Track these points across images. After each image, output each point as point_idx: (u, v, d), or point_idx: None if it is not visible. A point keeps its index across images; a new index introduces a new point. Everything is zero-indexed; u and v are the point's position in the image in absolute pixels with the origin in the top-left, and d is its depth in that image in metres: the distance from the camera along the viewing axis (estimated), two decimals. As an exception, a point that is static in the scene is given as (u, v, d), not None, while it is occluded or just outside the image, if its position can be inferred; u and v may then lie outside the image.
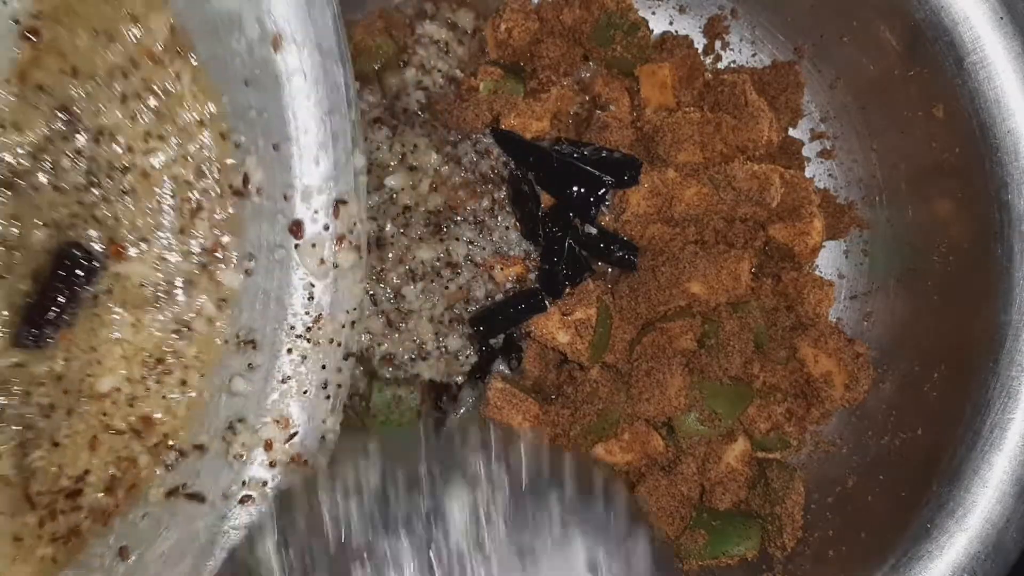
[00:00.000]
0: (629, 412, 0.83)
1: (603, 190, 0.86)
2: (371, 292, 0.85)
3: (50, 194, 0.71)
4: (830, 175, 0.93)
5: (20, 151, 0.70)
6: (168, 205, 0.73)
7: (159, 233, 0.73)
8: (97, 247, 0.72)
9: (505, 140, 0.87)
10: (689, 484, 0.83)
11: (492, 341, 0.88)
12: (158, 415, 0.74)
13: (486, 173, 0.88)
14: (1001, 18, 0.76)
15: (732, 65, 0.94)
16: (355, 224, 0.74)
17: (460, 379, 0.87)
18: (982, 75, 0.76)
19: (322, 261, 0.73)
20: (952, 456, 0.76)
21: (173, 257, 0.74)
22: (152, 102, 0.72)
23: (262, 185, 0.73)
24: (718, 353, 0.83)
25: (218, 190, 0.74)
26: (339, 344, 0.75)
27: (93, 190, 0.72)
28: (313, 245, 0.73)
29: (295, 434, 0.74)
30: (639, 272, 0.85)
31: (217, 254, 0.74)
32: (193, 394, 0.75)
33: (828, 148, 0.93)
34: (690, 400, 0.82)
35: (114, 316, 0.73)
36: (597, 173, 0.85)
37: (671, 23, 0.94)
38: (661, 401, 0.81)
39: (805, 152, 0.93)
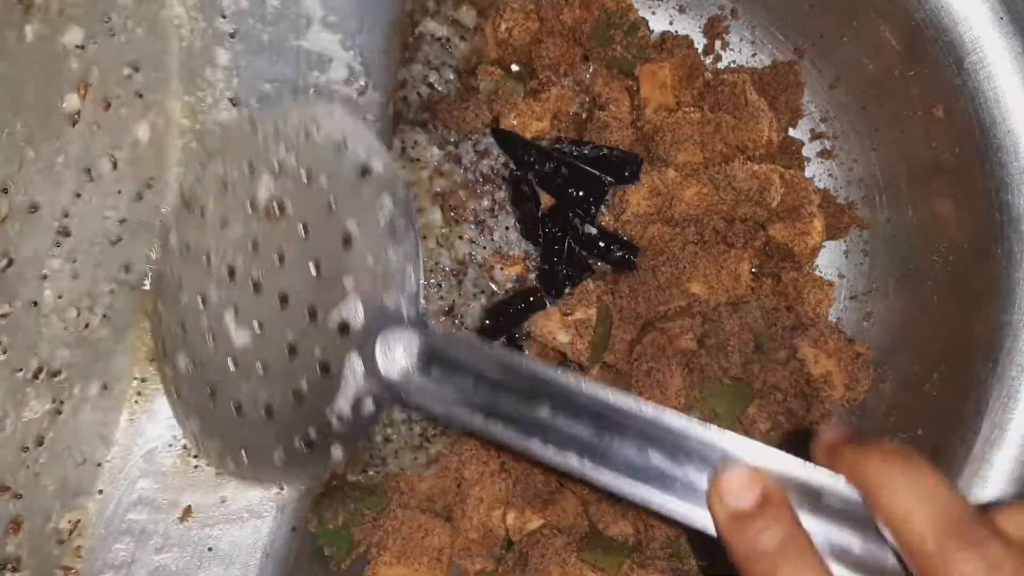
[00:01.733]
0: (630, 412, 0.83)
1: (603, 190, 0.86)
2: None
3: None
4: (830, 175, 0.93)
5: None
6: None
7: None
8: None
9: (505, 140, 0.87)
10: (690, 484, 0.83)
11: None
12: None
13: (486, 173, 0.88)
14: (1001, 18, 0.75)
15: (732, 65, 0.94)
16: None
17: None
18: (982, 75, 0.76)
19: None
20: (952, 456, 0.75)
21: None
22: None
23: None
24: (718, 353, 0.83)
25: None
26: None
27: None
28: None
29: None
30: (639, 272, 0.85)
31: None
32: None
33: (828, 148, 0.93)
34: (690, 400, 0.82)
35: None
36: (597, 173, 0.85)
37: (671, 23, 0.94)
38: (661, 401, 0.81)
39: (805, 152, 0.92)
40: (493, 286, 0.87)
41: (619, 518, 0.84)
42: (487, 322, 0.86)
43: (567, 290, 0.86)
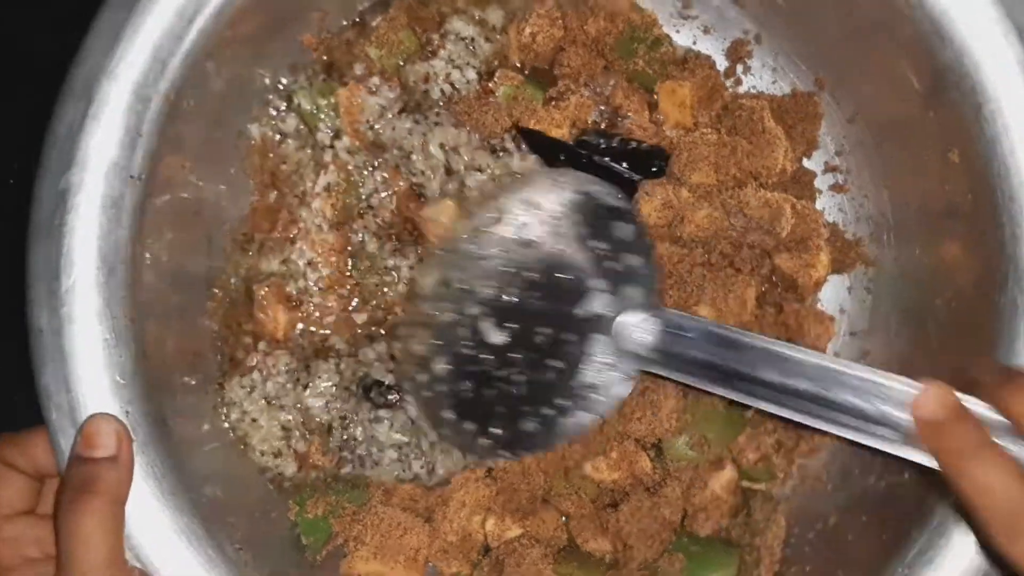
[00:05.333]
0: (620, 430, 0.83)
1: (633, 187, 0.85)
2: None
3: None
4: (840, 209, 0.92)
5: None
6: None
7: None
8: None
9: (532, 139, 0.87)
10: (672, 507, 0.83)
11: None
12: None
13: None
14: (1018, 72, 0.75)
15: (752, 90, 0.93)
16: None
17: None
18: (1000, 124, 0.75)
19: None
20: (935, 504, 0.75)
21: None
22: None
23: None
24: (715, 380, 0.83)
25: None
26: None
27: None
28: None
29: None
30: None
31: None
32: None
33: (840, 182, 0.92)
34: (681, 424, 0.82)
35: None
36: (626, 171, 0.85)
37: (694, 43, 0.94)
38: (652, 422, 0.81)
39: (817, 184, 0.92)
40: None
41: (598, 534, 0.84)
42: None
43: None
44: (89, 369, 0.73)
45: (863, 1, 0.80)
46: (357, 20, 0.89)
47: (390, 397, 0.85)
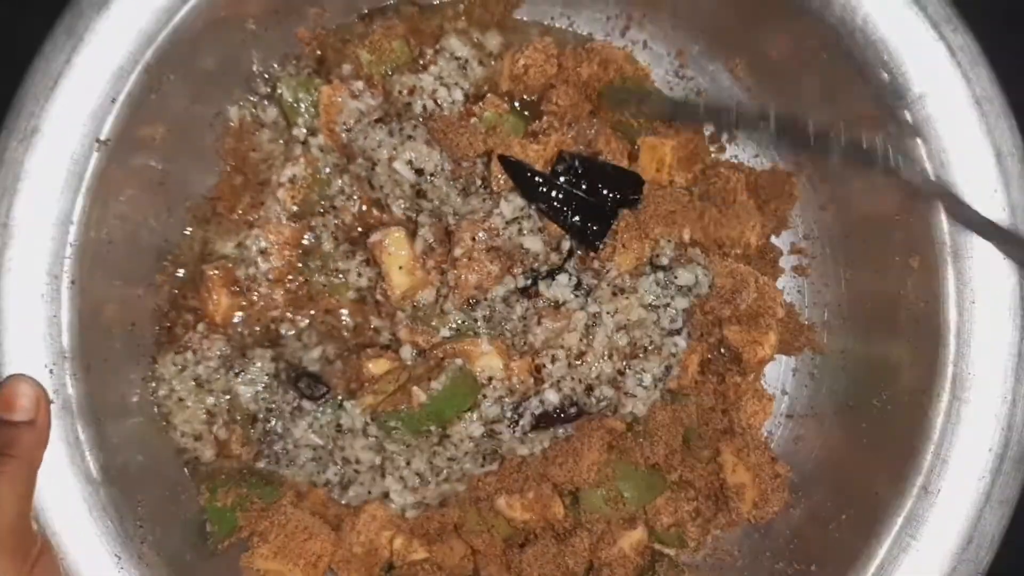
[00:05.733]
0: (540, 472, 0.83)
1: (609, 222, 0.85)
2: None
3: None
4: (799, 291, 0.93)
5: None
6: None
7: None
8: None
9: (512, 168, 0.85)
10: (577, 558, 0.83)
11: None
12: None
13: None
14: (995, 191, 0.75)
15: (733, 159, 0.93)
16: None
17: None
18: (963, 241, 0.76)
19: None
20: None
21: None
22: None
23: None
24: (644, 440, 0.83)
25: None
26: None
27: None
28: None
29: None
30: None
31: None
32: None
33: (804, 265, 0.92)
34: (601, 476, 0.82)
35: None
36: (598, 203, 0.85)
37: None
38: (573, 470, 0.82)
39: (781, 263, 0.92)
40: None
41: (503, 571, 0.84)
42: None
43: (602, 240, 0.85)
44: (19, 322, 0.73)
45: (850, 93, 0.81)
46: (356, 20, 0.89)
47: (317, 390, 0.84)
